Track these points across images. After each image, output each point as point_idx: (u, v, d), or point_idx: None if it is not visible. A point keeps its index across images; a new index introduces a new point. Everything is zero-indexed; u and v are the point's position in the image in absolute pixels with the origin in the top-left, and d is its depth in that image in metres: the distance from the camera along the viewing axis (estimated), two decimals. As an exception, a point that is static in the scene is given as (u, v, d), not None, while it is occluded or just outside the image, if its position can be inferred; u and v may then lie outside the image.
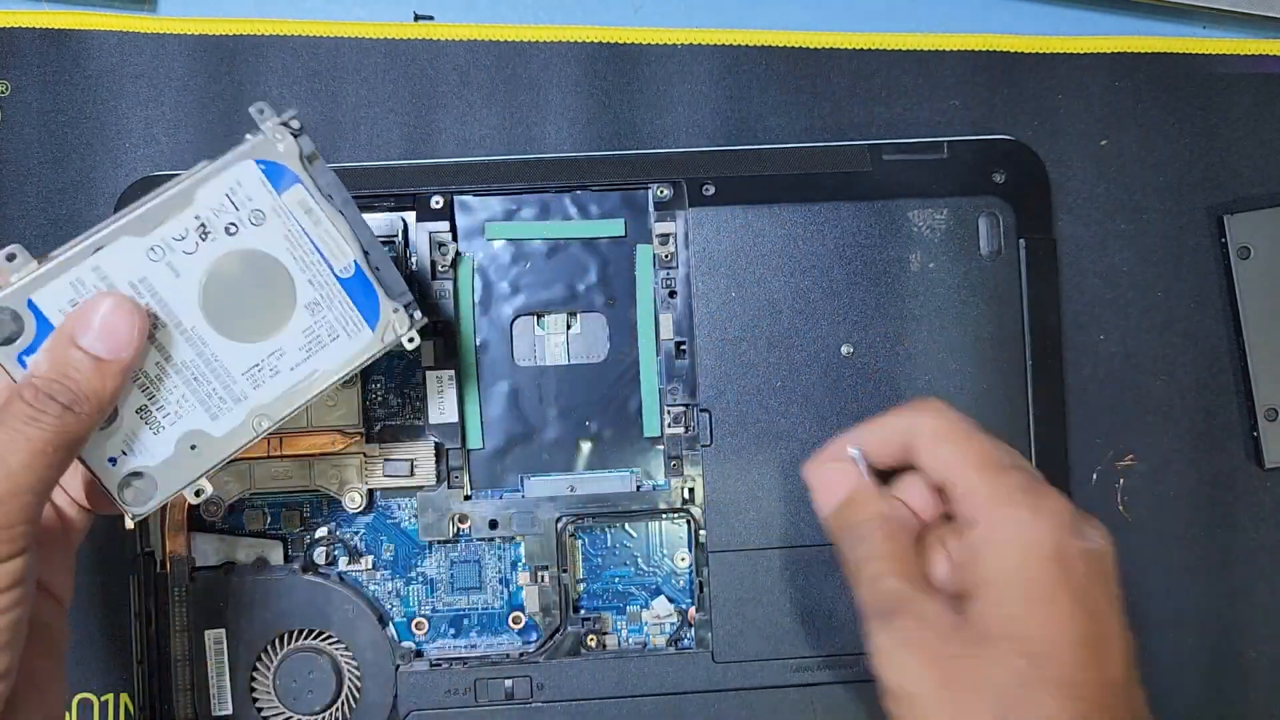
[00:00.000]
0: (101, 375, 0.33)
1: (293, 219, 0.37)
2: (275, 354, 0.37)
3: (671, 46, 0.49)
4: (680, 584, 0.48)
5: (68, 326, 0.33)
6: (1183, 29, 0.52)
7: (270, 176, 0.37)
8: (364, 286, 0.38)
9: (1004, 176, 0.47)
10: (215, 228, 0.36)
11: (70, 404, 0.32)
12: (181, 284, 0.36)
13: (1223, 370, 0.50)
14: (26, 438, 0.31)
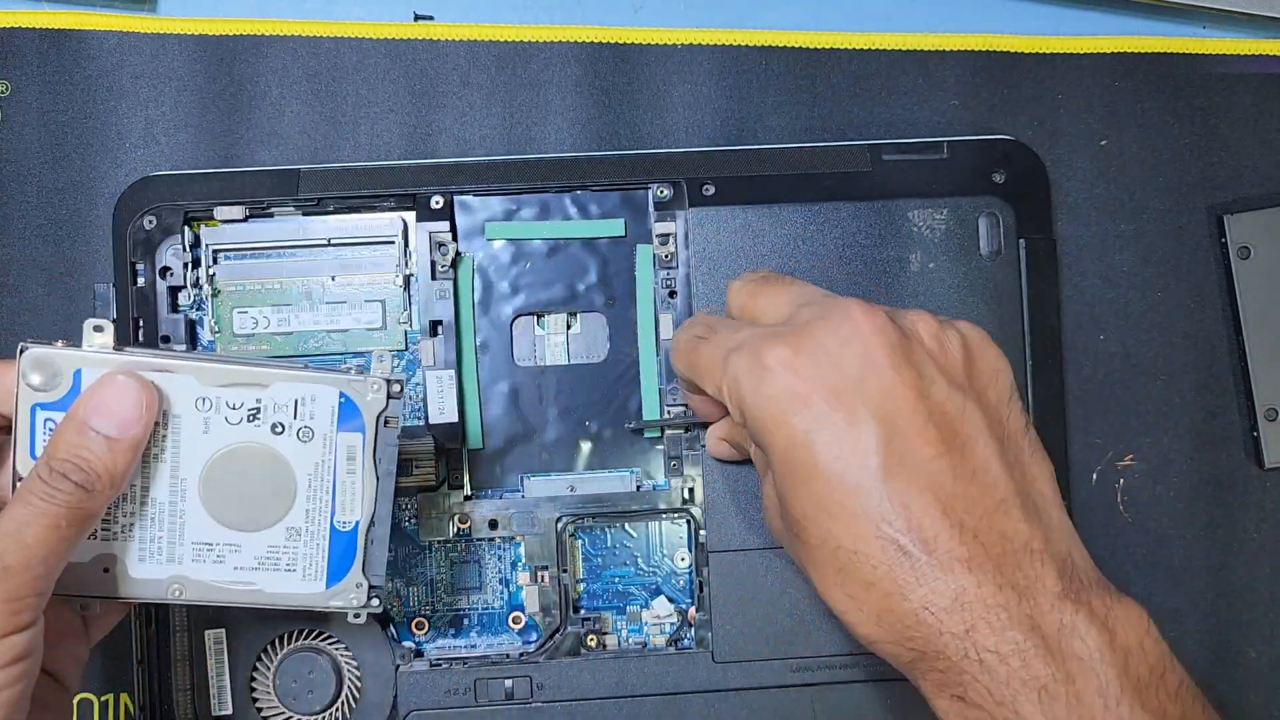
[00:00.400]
0: (112, 453, 0.34)
1: (333, 455, 0.38)
2: (231, 546, 0.37)
3: (671, 46, 0.49)
4: (680, 584, 0.48)
5: (80, 407, 0.34)
6: (1183, 29, 0.52)
7: (343, 412, 0.37)
8: (348, 548, 0.38)
9: (1004, 177, 0.47)
10: (265, 418, 0.37)
11: (83, 482, 0.33)
12: (203, 441, 0.37)
13: (1222, 370, 0.50)
14: (42, 513, 0.33)
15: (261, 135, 0.49)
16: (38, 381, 0.35)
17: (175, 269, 0.46)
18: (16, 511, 0.33)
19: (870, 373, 0.33)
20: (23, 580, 0.32)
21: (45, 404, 0.35)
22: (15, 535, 0.32)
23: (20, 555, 0.32)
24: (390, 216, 0.47)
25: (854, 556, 0.33)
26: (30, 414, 0.35)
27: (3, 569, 0.32)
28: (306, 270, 0.47)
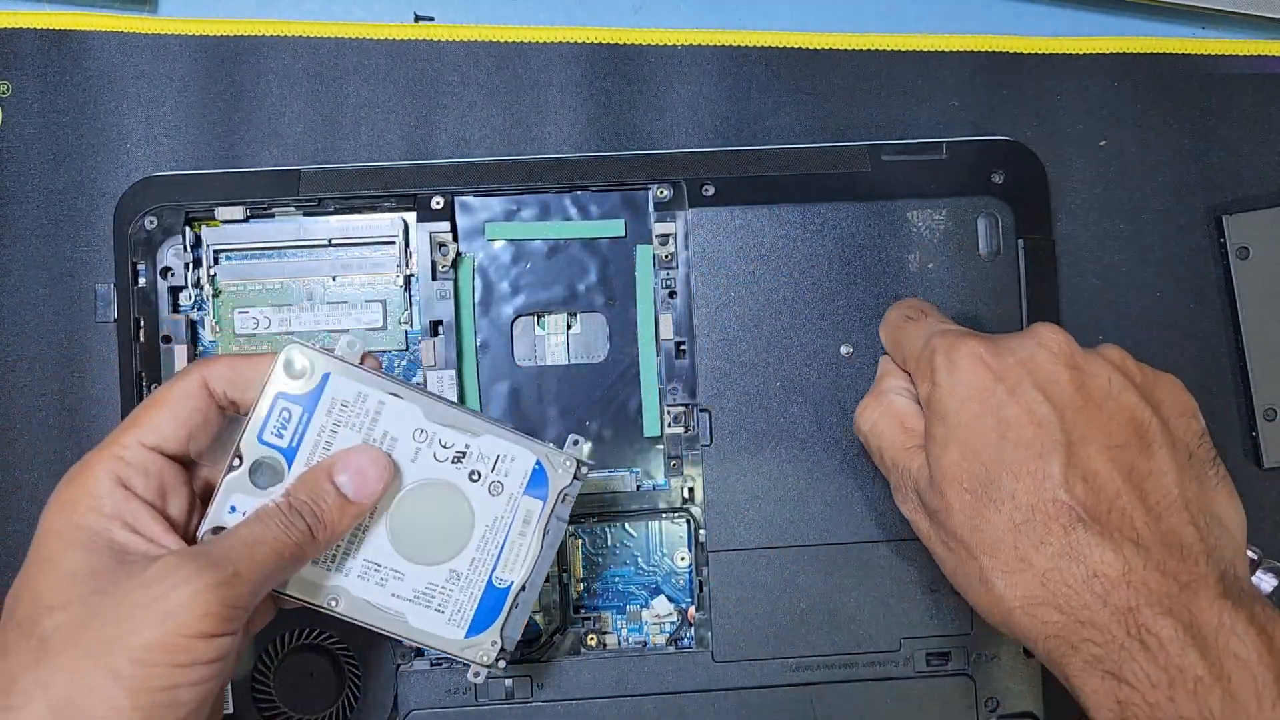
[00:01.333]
0: (343, 512, 0.37)
1: (513, 515, 0.40)
2: (396, 573, 0.39)
3: (672, 47, 0.49)
4: (680, 583, 0.48)
5: (331, 462, 0.37)
6: (1182, 29, 0.52)
7: (534, 479, 0.40)
8: (496, 605, 0.40)
9: (1003, 177, 0.48)
10: (468, 464, 0.39)
11: (313, 527, 0.36)
12: (408, 468, 0.39)
13: (1221, 370, 0.50)
14: (275, 538, 0.35)
15: (262, 136, 0.49)
16: (292, 372, 0.37)
17: (176, 269, 0.46)
18: (256, 529, 0.35)
19: (1061, 370, 0.37)
20: (243, 590, 0.33)
21: (287, 394, 0.38)
22: (250, 547, 0.34)
23: (249, 567, 0.34)
24: (391, 217, 0.47)
25: (1032, 515, 0.35)
26: (273, 400, 0.37)
27: (234, 574, 0.33)
28: (307, 270, 0.47)
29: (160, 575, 0.32)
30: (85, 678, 0.31)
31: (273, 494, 0.37)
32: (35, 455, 0.48)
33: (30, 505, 0.48)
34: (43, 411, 0.48)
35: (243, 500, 0.37)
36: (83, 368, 0.48)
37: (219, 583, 0.32)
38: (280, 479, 0.37)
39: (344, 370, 0.38)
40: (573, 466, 0.40)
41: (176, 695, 0.32)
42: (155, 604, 0.32)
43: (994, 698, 0.47)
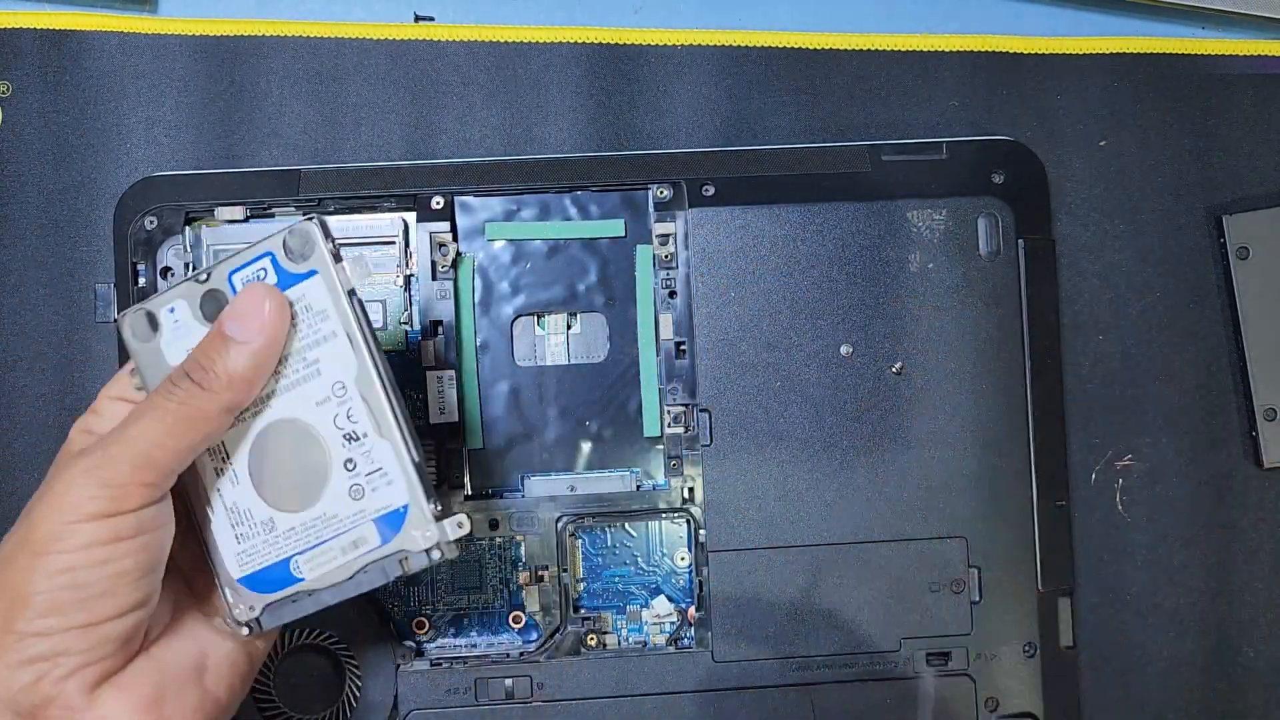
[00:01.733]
0: (235, 355, 0.35)
1: (350, 528, 0.37)
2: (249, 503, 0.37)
3: (671, 47, 0.49)
4: (680, 584, 0.48)
5: (223, 315, 0.35)
6: (1182, 29, 0.52)
7: (390, 517, 0.37)
8: (278, 582, 0.37)
9: (1003, 177, 0.48)
10: (350, 449, 0.36)
11: (200, 380, 0.34)
12: (303, 404, 0.36)
13: (1221, 370, 0.50)
14: (154, 407, 0.34)
15: (262, 136, 0.49)
16: (292, 245, 0.36)
17: (176, 269, 0.46)
18: (138, 406, 0.35)
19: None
20: (121, 467, 0.33)
21: (276, 260, 0.36)
22: (125, 425, 0.34)
23: (124, 444, 0.33)
24: (391, 217, 0.47)
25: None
26: (263, 253, 0.36)
27: (104, 454, 0.33)
28: (307, 270, 0.47)
29: (50, 475, 0.34)
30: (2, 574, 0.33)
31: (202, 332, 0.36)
32: (34, 455, 0.48)
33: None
34: (42, 412, 0.48)
35: (184, 311, 0.36)
36: (83, 368, 0.48)
37: (90, 466, 0.33)
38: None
39: (331, 284, 0.36)
40: (431, 539, 0.36)
41: (75, 577, 0.33)
42: (44, 498, 0.33)
43: (994, 698, 0.47)
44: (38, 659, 0.32)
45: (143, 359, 0.37)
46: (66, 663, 0.33)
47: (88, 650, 0.33)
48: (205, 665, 0.37)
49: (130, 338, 0.37)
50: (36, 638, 0.32)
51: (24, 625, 0.32)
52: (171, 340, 0.37)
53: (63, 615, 0.32)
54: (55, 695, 0.33)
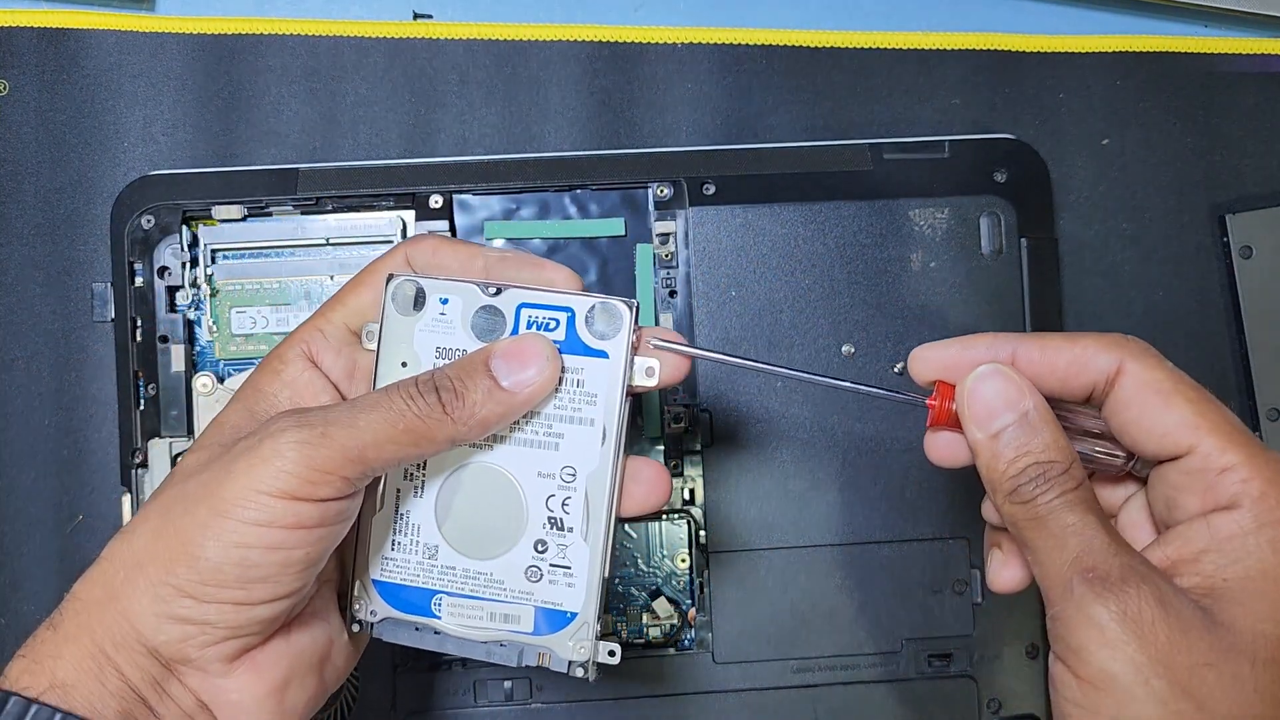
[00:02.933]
0: (489, 396, 0.33)
1: (521, 614, 0.35)
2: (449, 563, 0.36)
3: (672, 45, 0.49)
4: (680, 584, 0.48)
5: (494, 345, 0.34)
6: (1185, 28, 0.52)
7: (551, 619, 0.35)
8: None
9: (1005, 176, 0.47)
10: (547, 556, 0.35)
11: (446, 404, 0.32)
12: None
13: (1225, 370, 0.50)
14: (389, 409, 0.32)
15: (260, 134, 0.48)
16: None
17: (173, 268, 0.46)
18: (372, 396, 0.33)
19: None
20: (333, 454, 0.31)
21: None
22: (352, 412, 0.32)
23: (345, 431, 0.31)
24: (389, 216, 0.47)
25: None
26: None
27: (322, 434, 0.31)
28: (305, 269, 0.47)
29: (259, 429, 0.32)
30: (174, 518, 0.32)
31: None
32: (32, 455, 0.48)
33: (28, 505, 0.48)
34: (39, 411, 0.48)
35: (455, 309, 0.35)
36: (79, 367, 0.48)
37: (304, 440, 0.31)
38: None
39: (615, 376, 0.34)
40: (583, 655, 0.35)
41: (246, 555, 0.31)
42: (243, 455, 0.31)
43: (996, 699, 0.46)
44: (187, 620, 0.31)
45: (390, 326, 0.35)
46: (212, 633, 0.32)
47: (235, 627, 0.32)
48: (328, 656, 0.36)
49: (390, 300, 0.35)
50: (190, 600, 0.31)
51: (182, 581, 0.31)
52: (427, 328, 0.35)
53: (221, 588, 0.31)
54: (195, 659, 0.32)
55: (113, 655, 0.31)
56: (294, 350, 0.35)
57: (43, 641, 0.32)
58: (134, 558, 0.32)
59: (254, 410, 0.35)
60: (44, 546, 0.47)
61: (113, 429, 0.47)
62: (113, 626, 0.32)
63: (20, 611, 0.47)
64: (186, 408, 0.46)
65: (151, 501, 0.33)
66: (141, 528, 0.32)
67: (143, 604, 0.31)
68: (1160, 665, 0.28)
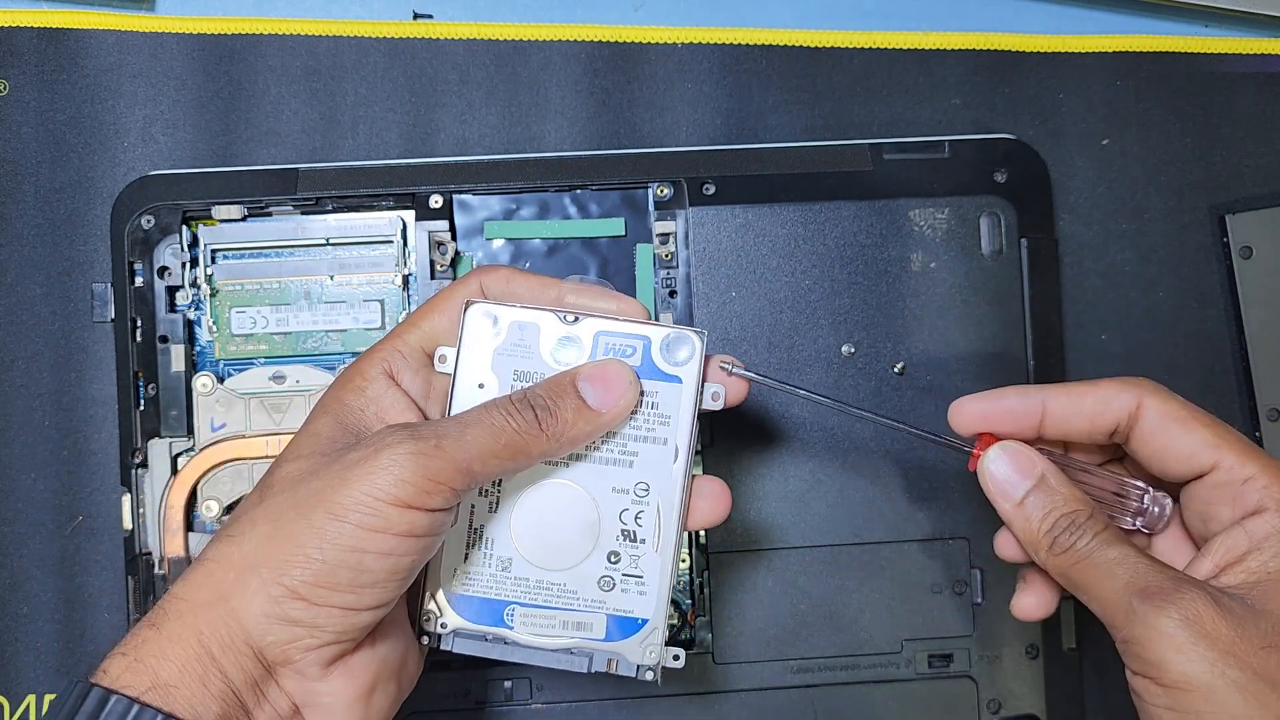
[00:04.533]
0: (579, 414, 0.35)
1: (594, 633, 0.37)
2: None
3: (672, 45, 0.49)
4: (680, 585, 0.48)
5: (584, 369, 0.36)
6: (1185, 28, 0.52)
7: (624, 626, 0.37)
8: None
9: (1005, 176, 0.47)
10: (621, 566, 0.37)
11: (541, 420, 0.35)
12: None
13: (1225, 370, 0.50)
14: (493, 423, 0.34)
15: (260, 134, 0.48)
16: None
17: (173, 268, 0.46)
18: (477, 411, 0.35)
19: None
20: (445, 465, 0.33)
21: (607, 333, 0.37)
22: (463, 425, 0.34)
23: (456, 444, 0.33)
24: (389, 216, 0.47)
25: None
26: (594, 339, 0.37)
27: (436, 445, 0.33)
28: (305, 270, 0.47)
29: (372, 440, 0.33)
30: (286, 523, 0.33)
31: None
32: (32, 455, 0.48)
33: (28, 505, 0.48)
34: (39, 411, 0.48)
35: (532, 335, 0.37)
36: (79, 367, 0.48)
37: (419, 452, 0.32)
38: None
39: (689, 399, 0.37)
40: (652, 659, 0.37)
41: (361, 560, 0.32)
42: (359, 464, 0.33)
43: (996, 699, 0.46)
44: (296, 622, 0.32)
45: (468, 349, 0.37)
46: (319, 636, 0.33)
47: (340, 631, 0.33)
48: (405, 663, 0.37)
49: (471, 320, 0.37)
50: (301, 602, 0.32)
51: (294, 584, 0.32)
52: (505, 352, 0.37)
53: (333, 591, 0.32)
54: (296, 660, 0.33)
55: (218, 656, 0.32)
56: (376, 368, 0.37)
57: (144, 640, 0.32)
58: (245, 560, 0.33)
59: (344, 423, 0.36)
60: (44, 547, 0.47)
61: (113, 429, 0.47)
62: (220, 627, 0.32)
63: (20, 612, 0.47)
64: (186, 408, 0.46)
65: (256, 508, 0.34)
66: (251, 532, 0.33)
67: (255, 604, 0.32)
68: (1231, 657, 0.32)
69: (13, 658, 0.47)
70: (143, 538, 0.46)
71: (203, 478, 0.45)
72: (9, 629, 0.47)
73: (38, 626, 0.47)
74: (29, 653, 0.47)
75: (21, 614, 0.47)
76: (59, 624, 0.47)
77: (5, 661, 0.47)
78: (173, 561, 0.45)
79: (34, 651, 0.47)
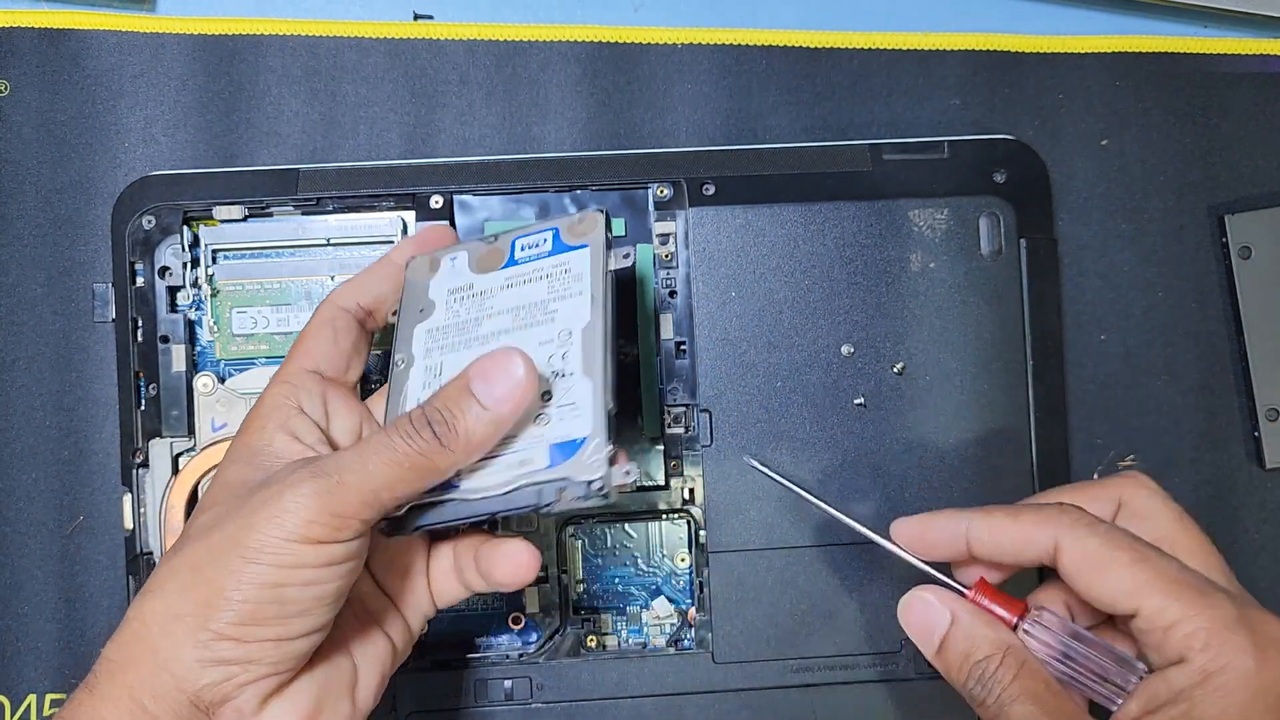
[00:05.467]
0: (475, 419, 0.35)
1: (522, 448, 0.37)
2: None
3: (671, 46, 0.49)
4: (680, 584, 0.48)
5: (469, 370, 0.35)
6: (1184, 28, 0.52)
7: (566, 446, 0.36)
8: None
9: (1004, 176, 0.47)
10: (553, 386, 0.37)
11: (440, 435, 0.34)
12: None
13: (1224, 370, 0.50)
14: (393, 449, 0.34)
15: (260, 135, 0.49)
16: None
17: (174, 268, 0.46)
18: (376, 439, 0.35)
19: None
20: (349, 498, 0.33)
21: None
22: (363, 457, 0.34)
23: (358, 477, 0.33)
24: (389, 216, 0.47)
25: None
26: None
27: (338, 482, 0.33)
28: (306, 270, 0.47)
29: (276, 480, 0.34)
30: (203, 571, 0.33)
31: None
32: (33, 456, 0.48)
33: (28, 505, 0.48)
34: (40, 412, 0.48)
35: (462, 261, 0.41)
36: (80, 368, 0.48)
37: (322, 490, 0.33)
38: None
39: (597, 258, 0.39)
40: (597, 472, 0.35)
41: (283, 593, 0.33)
42: (265, 506, 0.33)
43: (995, 699, 0.46)
44: (228, 661, 0.33)
45: (410, 295, 0.40)
46: (254, 670, 0.33)
47: (275, 663, 0.34)
48: (357, 679, 0.37)
49: (411, 273, 0.41)
50: (231, 642, 0.33)
51: (221, 626, 0.33)
52: (441, 281, 0.40)
53: (261, 626, 0.33)
54: (233, 697, 0.33)
55: (152, 708, 0.33)
56: (272, 403, 0.38)
57: (80, 704, 0.33)
58: (168, 611, 0.33)
59: (253, 464, 0.36)
60: (44, 547, 0.48)
61: (113, 429, 0.47)
62: (151, 680, 0.33)
63: (20, 612, 0.47)
64: (187, 408, 0.46)
65: (173, 559, 0.34)
66: (169, 584, 0.34)
67: (183, 652, 0.33)
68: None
69: (13, 658, 0.47)
70: (143, 537, 0.46)
71: (203, 478, 0.45)
72: (9, 629, 0.47)
73: (38, 626, 0.47)
74: (29, 653, 0.47)
75: (22, 614, 0.47)
76: (59, 624, 0.47)
77: (5, 661, 0.47)
78: (173, 561, 0.45)
79: (34, 651, 0.47)
